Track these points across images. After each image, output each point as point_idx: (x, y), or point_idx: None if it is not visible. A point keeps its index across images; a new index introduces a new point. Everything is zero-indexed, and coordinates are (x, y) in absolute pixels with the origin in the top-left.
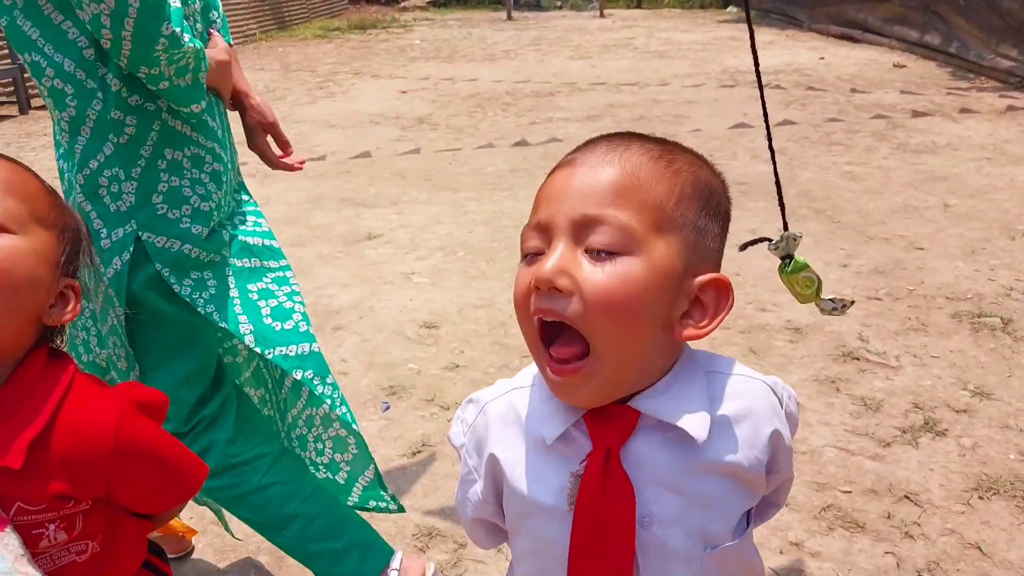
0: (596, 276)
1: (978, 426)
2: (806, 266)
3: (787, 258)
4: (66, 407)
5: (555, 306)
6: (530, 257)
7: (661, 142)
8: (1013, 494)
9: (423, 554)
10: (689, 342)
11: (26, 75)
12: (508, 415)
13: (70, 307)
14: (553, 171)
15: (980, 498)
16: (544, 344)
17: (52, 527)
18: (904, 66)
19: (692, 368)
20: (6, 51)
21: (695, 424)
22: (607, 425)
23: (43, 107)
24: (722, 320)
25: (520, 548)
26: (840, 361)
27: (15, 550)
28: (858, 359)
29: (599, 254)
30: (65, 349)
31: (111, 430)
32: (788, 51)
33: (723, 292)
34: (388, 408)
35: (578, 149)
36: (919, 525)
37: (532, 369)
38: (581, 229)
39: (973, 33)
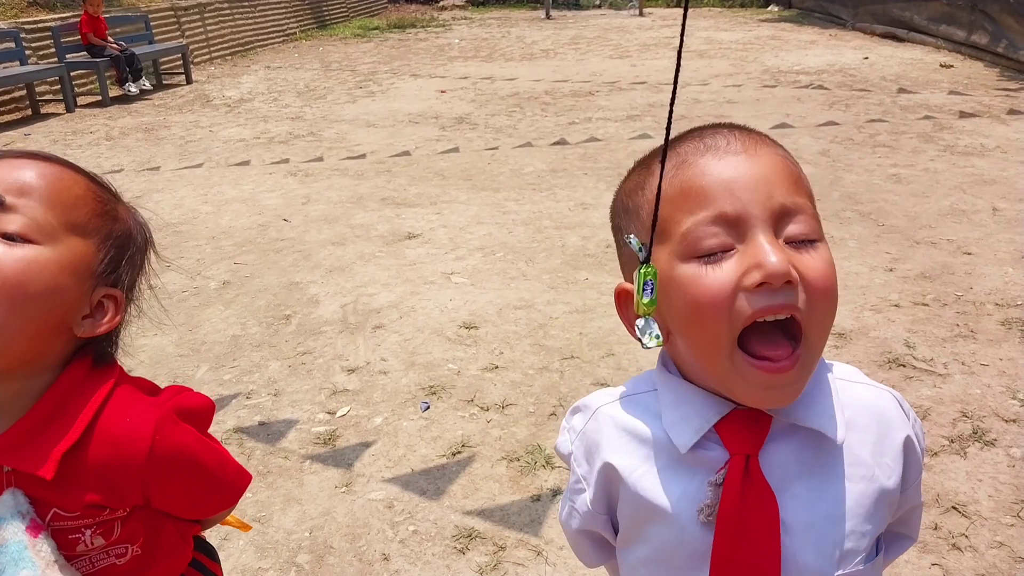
0: (814, 264)
1: None
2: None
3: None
4: (103, 417)
5: (788, 300)
6: (717, 256)
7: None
8: None
9: (463, 555)
10: None
11: (72, 74)
12: (624, 421)
13: (107, 318)
14: (690, 160)
15: None
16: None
17: (88, 532)
18: (951, 66)
19: (821, 373)
20: (53, 50)
21: (832, 426)
22: (741, 432)
23: (89, 105)
24: None
25: (635, 558)
26: (886, 367)
27: (47, 557)
28: (904, 366)
29: (800, 243)
30: (117, 355)
31: (147, 440)
32: (831, 51)
33: None
34: (428, 407)
35: (698, 137)
36: (967, 537)
37: (638, 379)
38: (779, 219)
39: (1022, 32)
